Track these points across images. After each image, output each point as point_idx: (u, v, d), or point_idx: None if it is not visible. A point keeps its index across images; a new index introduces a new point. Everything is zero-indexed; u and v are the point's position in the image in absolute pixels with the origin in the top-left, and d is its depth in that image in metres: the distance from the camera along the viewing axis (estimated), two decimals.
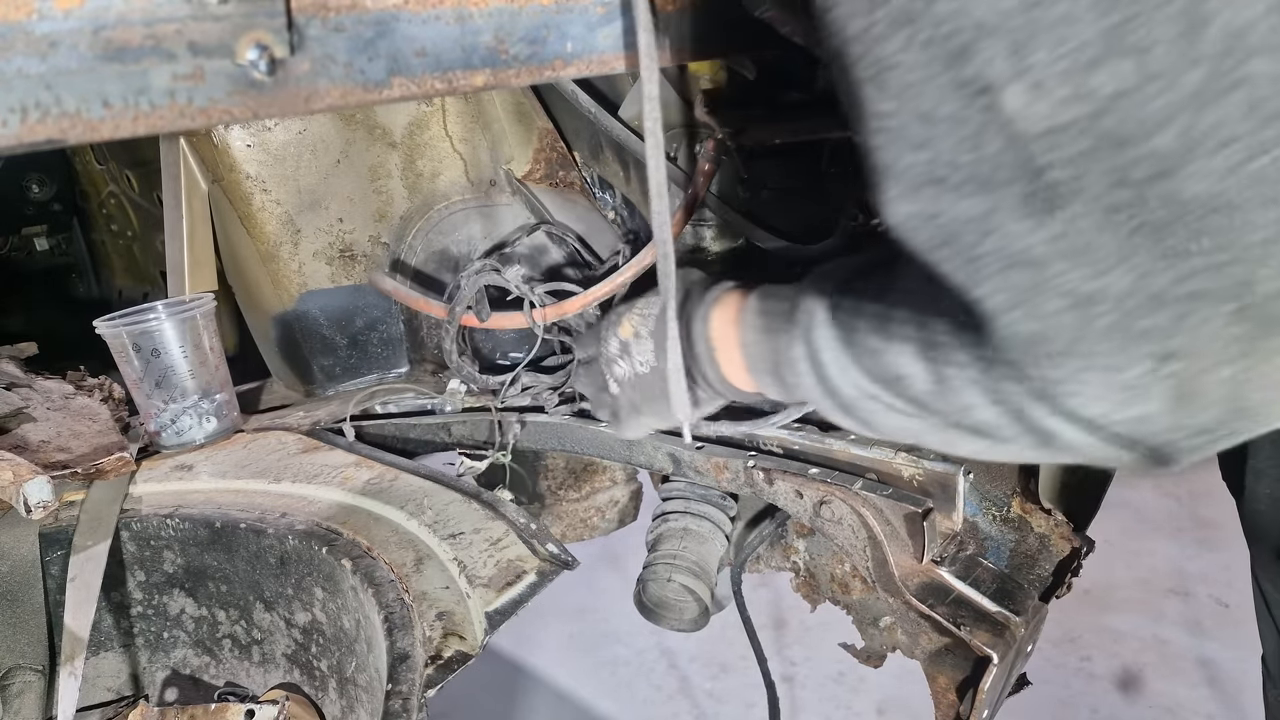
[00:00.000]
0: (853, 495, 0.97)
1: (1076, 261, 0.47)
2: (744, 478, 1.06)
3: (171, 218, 1.42)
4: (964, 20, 0.45)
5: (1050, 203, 0.47)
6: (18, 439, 1.20)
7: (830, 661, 2.57)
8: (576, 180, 1.43)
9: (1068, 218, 0.46)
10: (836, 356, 0.68)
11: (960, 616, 0.90)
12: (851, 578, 1.23)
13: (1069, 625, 2.61)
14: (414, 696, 0.76)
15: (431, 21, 0.68)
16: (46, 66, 0.52)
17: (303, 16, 0.61)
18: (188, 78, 0.57)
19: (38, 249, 2.25)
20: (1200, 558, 2.94)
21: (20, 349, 1.60)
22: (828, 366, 0.69)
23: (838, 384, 0.68)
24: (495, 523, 0.99)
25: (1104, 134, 0.44)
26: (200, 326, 1.22)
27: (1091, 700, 2.38)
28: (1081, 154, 0.45)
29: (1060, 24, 0.43)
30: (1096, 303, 0.47)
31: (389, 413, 1.37)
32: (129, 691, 1.10)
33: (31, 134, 0.52)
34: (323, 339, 1.43)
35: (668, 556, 1.25)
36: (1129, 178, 0.44)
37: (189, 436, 1.23)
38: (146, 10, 0.55)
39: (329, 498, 1.07)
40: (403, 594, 0.88)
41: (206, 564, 1.05)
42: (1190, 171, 0.43)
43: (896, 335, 0.61)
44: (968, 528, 1.00)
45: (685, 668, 2.66)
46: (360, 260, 1.40)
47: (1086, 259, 0.47)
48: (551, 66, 0.77)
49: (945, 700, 0.96)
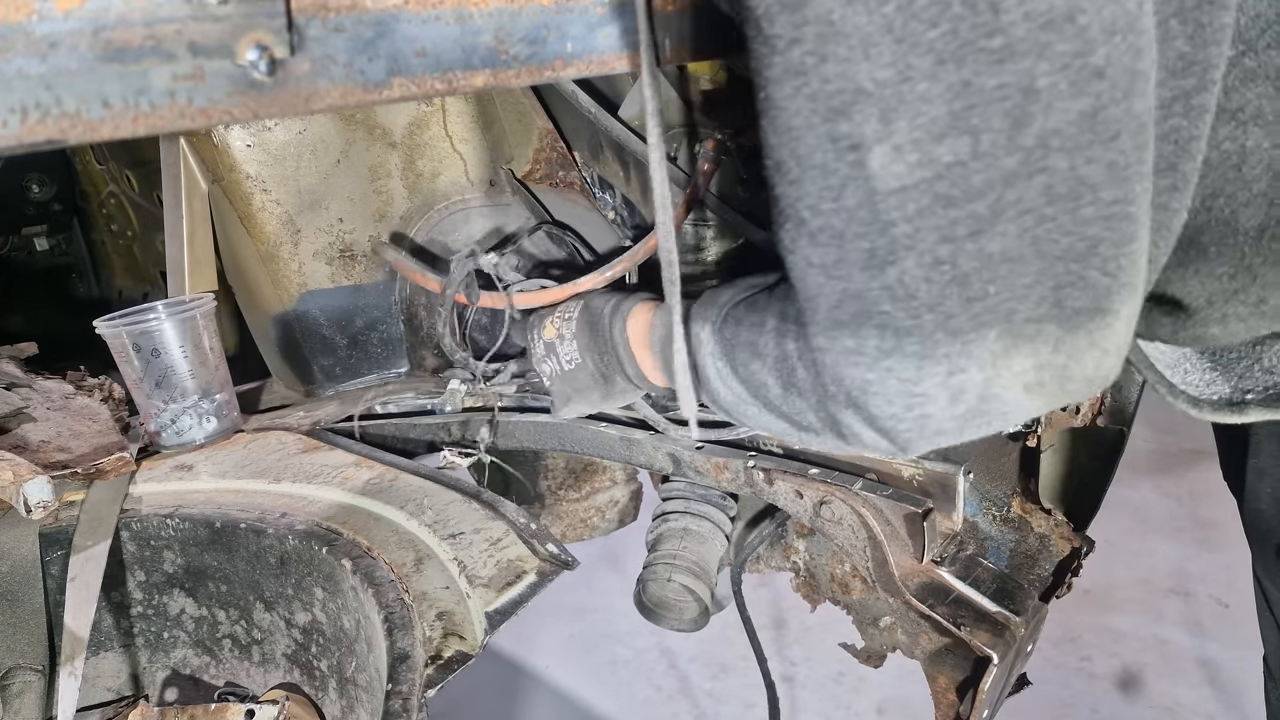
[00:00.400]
0: (853, 495, 0.97)
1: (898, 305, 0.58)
2: (744, 478, 1.06)
3: (171, 218, 1.42)
4: (846, 84, 0.53)
5: (888, 258, 0.57)
6: (18, 439, 1.20)
7: (830, 661, 2.57)
8: (576, 180, 1.43)
9: (899, 271, 0.57)
10: (718, 370, 0.80)
11: (960, 616, 0.90)
12: (851, 578, 1.23)
13: (1069, 625, 2.61)
14: (414, 696, 0.76)
15: (431, 22, 0.68)
16: (46, 67, 0.52)
17: (303, 17, 0.61)
18: (188, 78, 0.57)
19: (38, 249, 2.25)
20: (1200, 558, 2.94)
21: (20, 349, 1.60)
22: (711, 380, 0.81)
23: (719, 391, 0.81)
24: (495, 523, 0.99)
25: (937, 195, 0.54)
26: (200, 326, 1.22)
27: (1092, 700, 2.38)
28: (919, 211, 0.55)
29: (920, 100, 0.52)
30: (907, 335, 0.59)
31: (389, 413, 1.37)
32: (129, 691, 1.10)
33: (31, 134, 0.52)
34: (323, 339, 1.43)
35: (668, 556, 1.25)
36: (952, 234, 0.55)
37: (189, 436, 1.23)
38: (146, 11, 0.55)
39: (329, 498, 1.07)
40: (403, 594, 0.88)
41: (206, 564, 1.05)
42: (996, 232, 0.54)
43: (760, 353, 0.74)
44: (968, 528, 1.00)
45: (685, 668, 2.66)
46: (360, 260, 1.40)
47: (907, 304, 0.58)
48: (551, 67, 0.77)
49: (945, 700, 0.96)
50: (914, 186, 0.54)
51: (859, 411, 0.64)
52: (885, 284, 0.58)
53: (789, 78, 0.56)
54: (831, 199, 0.57)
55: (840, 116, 0.54)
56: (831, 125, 0.55)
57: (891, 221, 0.56)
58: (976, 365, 0.59)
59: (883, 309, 0.59)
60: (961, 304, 0.57)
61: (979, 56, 0.50)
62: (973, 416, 0.62)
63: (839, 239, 0.58)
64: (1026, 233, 0.54)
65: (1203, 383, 0.83)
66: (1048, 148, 0.52)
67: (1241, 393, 0.81)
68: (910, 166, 0.54)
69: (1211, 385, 0.83)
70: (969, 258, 0.55)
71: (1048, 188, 0.53)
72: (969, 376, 0.59)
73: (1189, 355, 0.84)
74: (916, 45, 0.50)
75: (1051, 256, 0.55)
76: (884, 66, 0.51)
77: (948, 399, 0.61)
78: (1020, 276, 0.56)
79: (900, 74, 0.51)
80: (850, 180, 0.56)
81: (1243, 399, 0.81)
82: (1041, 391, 0.61)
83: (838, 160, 0.56)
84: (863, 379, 0.62)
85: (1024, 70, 0.50)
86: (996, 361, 0.59)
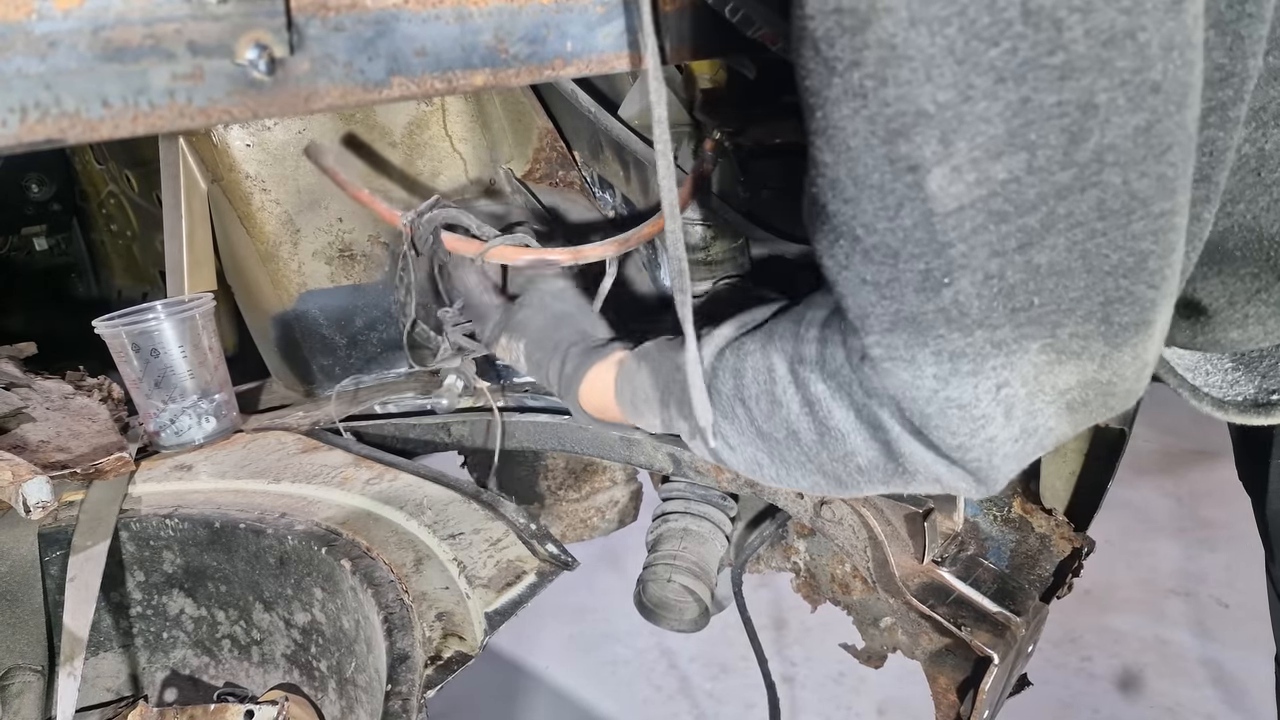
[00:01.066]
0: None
1: (953, 328, 0.57)
2: (744, 478, 1.06)
3: (171, 217, 1.42)
4: (907, 106, 0.53)
5: (943, 279, 0.56)
6: (17, 439, 1.19)
7: (831, 662, 2.57)
8: (576, 180, 1.43)
9: (954, 292, 0.56)
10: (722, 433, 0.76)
11: (961, 617, 0.90)
12: (852, 578, 1.23)
13: (1070, 625, 2.61)
14: (414, 697, 0.76)
15: (431, 21, 0.68)
16: (46, 66, 0.52)
17: (302, 16, 0.61)
18: (187, 77, 0.57)
19: (37, 249, 2.25)
20: (1202, 558, 2.94)
21: (19, 349, 1.60)
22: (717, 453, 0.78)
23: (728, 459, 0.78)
24: (495, 523, 0.99)
25: (991, 212, 0.54)
26: (199, 326, 1.22)
27: (1092, 701, 2.38)
28: (974, 229, 0.55)
29: (979, 119, 0.52)
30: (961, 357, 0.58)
31: (388, 413, 1.36)
32: (128, 692, 1.10)
33: (31, 134, 0.52)
34: (322, 339, 1.43)
35: (668, 557, 1.25)
36: (1002, 249, 0.55)
37: (188, 436, 1.23)
38: (146, 10, 0.54)
39: (328, 498, 1.07)
40: (402, 594, 0.88)
41: (206, 564, 1.05)
42: (1045, 245, 0.54)
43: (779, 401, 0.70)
44: (968, 528, 1.00)
45: (685, 668, 2.66)
46: (360, 260, 1.40)
47: (960, 323, 0.57)
48: (551, 66, 0.77)
49: (946, 701, 0.95)
50: (970, 205, 0.54)
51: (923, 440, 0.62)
52: (940, 306, 0.57)
53: (848, 99, 0.55)
54: (888, 218, 0.57)
55: (900, 138, 0.54)
56: (890, 147, 0.55)
57: (949, 243, 0.55)
58: (1020, 379, 0.58)
59: (938, 333, 0.58)
60: (1006, 315, 0.56)
61: (1040, 74, 0.50)
62: (1027, 436, 0.61)
63: (894, 258, 0.58)
64: (1076, 246, 0.54)
65: (1225, 384, 0.82)
66: (1102, 162, 0.52)
67: (1267, 393, 0.80)
68: (968, 186, 0.54)
69: (1235, 386, 0.82)
70: (1016, 270, 0.55)
71: (1100, 202, 0.53)
72: (1014, 391, 0.58)
73: (1209, 357, 0.83)
74: (978, 65, 0.50)
75: (1101, 272, 0.55)
76: (946, 88, 0.51)
77: (1004, 416, 0.59)
78: (1067, 290, 0.55)
79: (961, 95, 0.51)
80: (907, 200, 0.55)
81: (1269, 399, 0.80)
82: (1085, 410, 0.60)
83: (895, 181, 0.55)
84: (923, 411, 0.60)
85: (1084, 87, 0.50)
86: (1039, 376, 0.58)
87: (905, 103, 0.53)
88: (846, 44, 0.53)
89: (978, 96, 0.51)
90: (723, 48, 0.90)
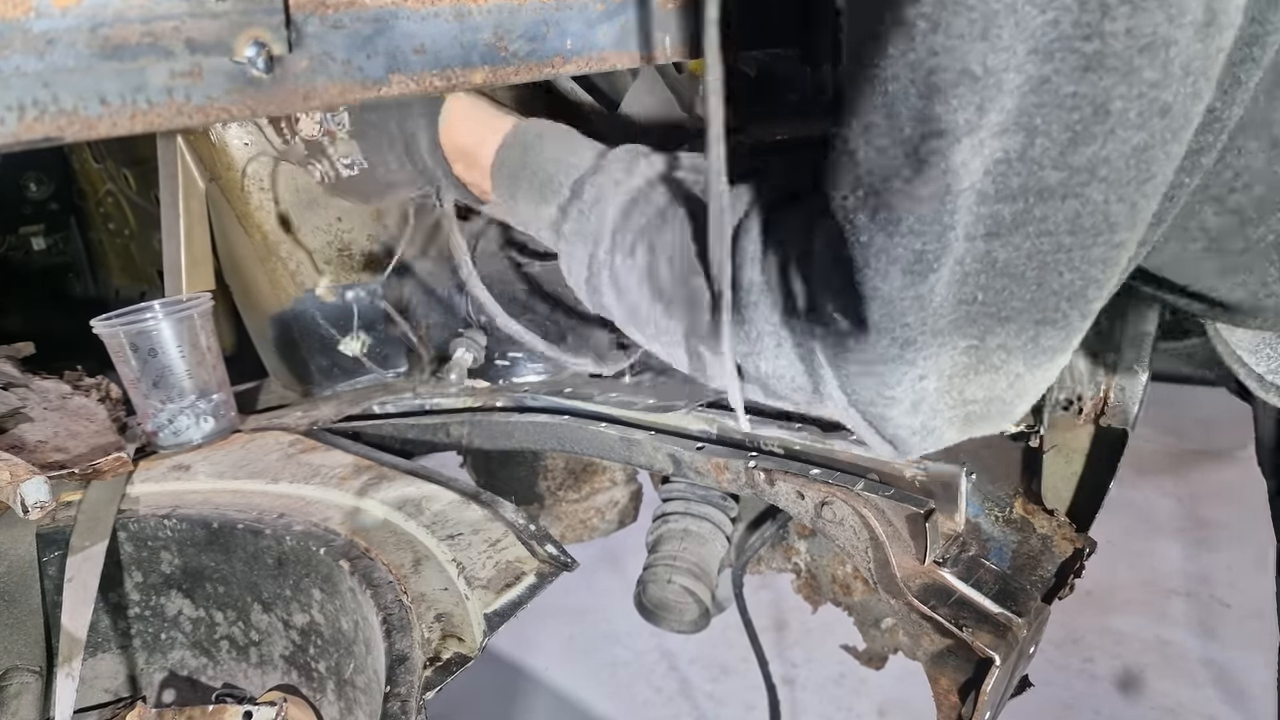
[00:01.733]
0: (854, 496, 0.97)
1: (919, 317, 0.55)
2: (745, 478, 1.06)
3: (169, 217, 1.41)
4: (953, 62, 0.49)
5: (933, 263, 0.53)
6: (15, 439, 1.19)
7: (831, 663, 2.56)
8: None
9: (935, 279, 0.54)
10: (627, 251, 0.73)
11: (962, 618, 0.89)
12: (853, 579, 1.22)
13: (1071, 626, 2.61)
14: (413, 698, 0.76)
15: (430, 18, 0.68)
16: (44, 64, 0.51)
17: (301, 13, 0.61)
18: (185, 75, 0.56)
19: (35, 248, 2.25)
20: (1203, 558, 2.93)
21: (17, 349, 1.59)
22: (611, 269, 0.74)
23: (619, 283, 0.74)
24: (494, 524, 0.99)
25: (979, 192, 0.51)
26: (198, 326, 1.21)
27: (1094, 702, 2.37)
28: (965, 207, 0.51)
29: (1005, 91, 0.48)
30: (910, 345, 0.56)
31: (387, 413, 1.36)
32: (126, 693, 1.09)
33: (29, 132, 0.51)
34: (320, 339, 1.42)
35: (668, 558, 1.25)
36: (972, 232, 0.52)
37: (186, 436, 1.22)
38: (144, 8, 0.54)
39: (326, 498, 1.06)
40: (401, 595, 0.87)
41: (204, 565, 1.04)
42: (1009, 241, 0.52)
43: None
44: (970, 529, 1.00)
45: (686, 669, 2.65)
46: (359, 259, 1.40)
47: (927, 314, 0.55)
48: (551, 63, 0.77)
49: (947, 702, 0.95)
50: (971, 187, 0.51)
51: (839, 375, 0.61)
52: (918, 294, 0.54)
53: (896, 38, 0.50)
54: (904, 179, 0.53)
55: (937, 96, 0.50)
56: (927, 103, 0.50)
57: (951, 225, 0.52)
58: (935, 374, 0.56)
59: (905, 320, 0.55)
60: (951, 304, 0.54)
61: (1068, 58, 0.47)
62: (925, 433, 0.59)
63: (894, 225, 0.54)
64: (1036, 255, 0.52)
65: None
66: (1093, 174, 0.50)
67: None
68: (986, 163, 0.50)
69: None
70: (974, 258, 0.52)
71: (1076, 216, 0.51)
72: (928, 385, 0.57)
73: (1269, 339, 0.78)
74: (1023, 29, 0.46)
75: (1049, 289, 0.53)
76: (1000, 51, 0.47)
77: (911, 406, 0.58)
78: (1011, 297, 0.53)
79: (1005, 61, 0.47)
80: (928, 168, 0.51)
81: None
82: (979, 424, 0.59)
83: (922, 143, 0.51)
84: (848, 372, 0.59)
85: (1104, 87, 0.47)
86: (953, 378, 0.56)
87: (952, 57, 0.48)
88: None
89: (1012, 67, 0.47)
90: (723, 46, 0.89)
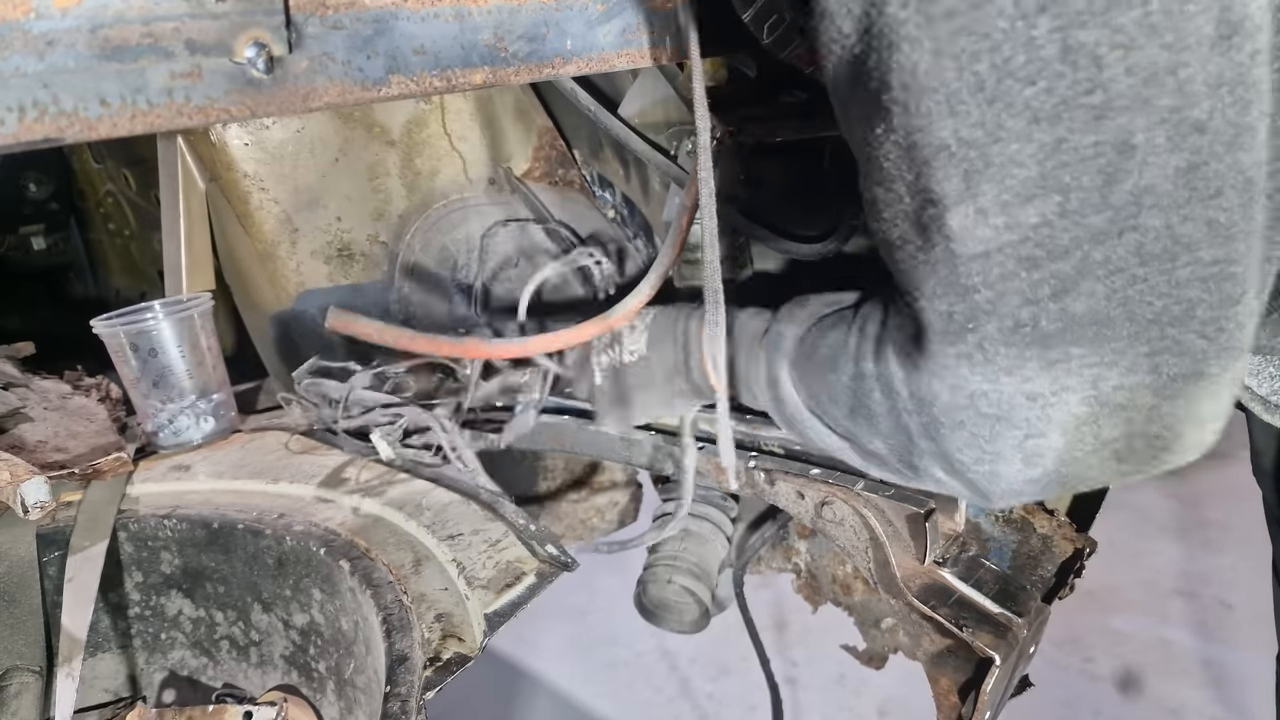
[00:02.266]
0: (855, 496, 0.97)
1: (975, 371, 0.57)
2: (745, 478, 1.06)
3: (169, 217, 1.41)
4: (929, 138, 0.51)
5: (966, 324, 0.55)
6: (15, 439, 1.19)
7: (832, 663, 2.56)
8: (576, 178, 1.43)
9: (979, 338, 0.55)
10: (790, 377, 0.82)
11: (962, 618, 0.89)
12: (853, 579, 1.22)
13: (1072, 626, 2.61)
14: (413, 698, 0.76)
15: (430, 19, 0.68)
16: (44, 65, 0.51)
17: (301, 14, 0.61)
18: (185, 76, 0.56)
19: (35, 248, 2.24)
20: (1203, 558, 2.93)
21: (17, 349, 1.59)
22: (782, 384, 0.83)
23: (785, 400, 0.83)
24: (494, 524, 0.99)
25: (1021, 258, 0.52)
26: (198, 326, 1.21)
27: (1094, 702, 2.37)
28: (1002, 276, 0.53)
29: (1010, 162, 0.50)
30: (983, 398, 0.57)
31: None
32: (126, 693, 1.09)
33: (29, 133, 0.51)
34: (321, 339, 1.42)
35: (668, 558, 1.25)
36: (1034, 296, 0.53)
37: (186, 436, 1.22)
38: (144, 9, 0.54)
39: (327, 498, 1.06)
40: (401, 595, 0.87)
41: (204, 565, 1.04)
42: (1081, 292, 0.52)
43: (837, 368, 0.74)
44: (970, 529, 1.00)
45: (686, 670, 2.65)
46: (358, 259, 1.40)
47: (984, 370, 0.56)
48: (551, 64, 0.77)
49: (947, 702, 0.95)
50: (998, 251, 0.52)
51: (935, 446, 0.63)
52: (963, 351, 0.56)
53: (879, 120, 0.54)
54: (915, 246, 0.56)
55: (924, 168, 0.52)
56: (914, 177, 0.53)
57: (973, 287, 0.54)
58: (1059, 430, 0.56)
59: (960, 373, 0.57)
60: (1042, 367, 0.54)
61: (1076, 114, 0.48)
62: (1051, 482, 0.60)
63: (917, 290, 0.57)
64: (1116, 294, 0.52)
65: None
66: (1140, 205, 0.50)
67: None
68: (995, 231, 0.52)
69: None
70: (1051, 319, 0.53)
71: (1139, 246, 0.51)
72: (1048, 441, 0.57)
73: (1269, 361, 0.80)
74: (1011, 105, 0.48)
75: (1144, 320, 0.52)
76: (971, 126, 0.50)
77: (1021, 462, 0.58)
78: (1108, 340, 0.53)
79: (990, 135, 0.49)
80: (932, 234, 0.54)
81: None
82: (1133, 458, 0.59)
83: (921, 211, 0.54)
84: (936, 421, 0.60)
85: (1121, 126, 0.48)
86: (1080, 428, 0.56)
87: (926, 134, 0.51)
88: (875, 64, 0.52)
89: (1009, 138, 0.49)
90: (724, 45, 0.90)
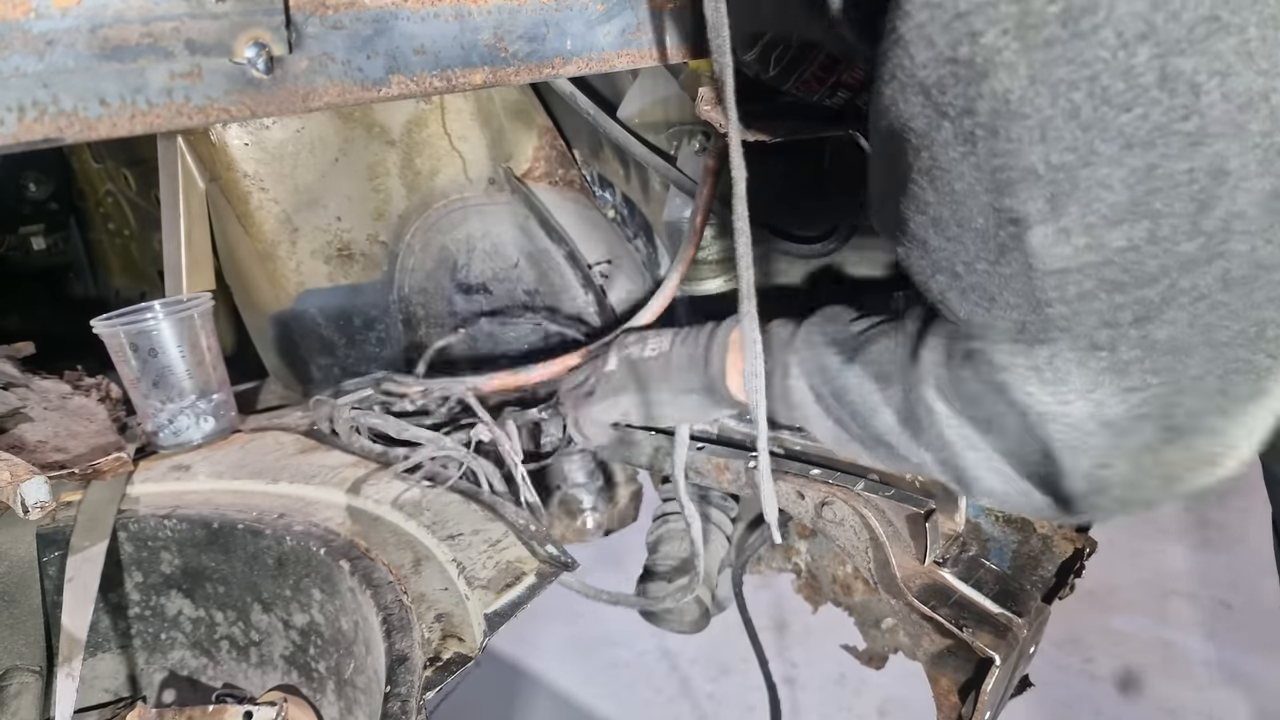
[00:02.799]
0: (855, 496, 0.97)
1: (1045, 388, 0.56)
2: (745, 479, 1.06)
3: (169, 217, 1.41)
4: (1015, 161, 0.51)
5: (1039, 335, 0.55)
6: (15, 439, 1.19)
7: (832, 663, 2.56)
8: (576, 178, 1.43)
9: (1050, 353, 0.55)
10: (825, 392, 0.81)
11: (962, 618, 0.89)
12: (853, 579, 1.22)
13: (1072, 626, 2.61)
14: (413, 698, 0.76)
15: (430, 19, 0.68)
16: (44, 65, 0.51)
17: (301, 14, 0.61)
18: (185, 76, 0.56)
19: (34, 248, 2.24)
20: (1204, 559, 2.93)
21: (17, 349, 1.59)
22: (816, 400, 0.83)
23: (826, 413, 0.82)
24: (494, 524, 0.99)
25: (1103, 280, 0.52)
26: (198, 326, 1.21)
27: (1094, 702, 2.37)
28: (1080, 295, 0.54)
29: (1099, 185, 0.50)
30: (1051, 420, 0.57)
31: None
32: (126, 693, 1.09)
33: (29, 133, 0.51)
34: (320, 338, 1.42)
35: (668, 558, 1.25)
36: (1115, 320, 0.53)
37: (186, 437, 1.22)
38: (144, 9, 0.54)
39: (326, 498, 1.06)
40: (401, 595, 0.87)
41: (204, 565, 1.04)
42: (1165, 319, 0.52)
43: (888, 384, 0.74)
44: (970, 529, 1.00)
45: (686, 670, 2.65)
46: (358, 259, 1.40)
47: (1055, 387, 0.56)
48: (551, 64, 0.77)
49: (947, 702, 0.95)
50: (1078, 270, 0.53)
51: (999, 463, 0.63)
52: (1033, 364, 0.56)
53: (957, 143, 0.54)
54: (989, 262, 0.56)
55: (1006, 190, 0.53)
56: (995, 196, 0.54)
57: (1047, 301, 0.54)
58: (1127, 460, 0.56)
59: (1028, 389, 0.57)
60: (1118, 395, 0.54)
61: (1171, 140, 0.48)
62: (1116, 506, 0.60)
63: (990, 301, 0.57)
64: (1198, 320, 0.52)
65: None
66: (1229, 231, 0.50)
67: None
68: (1076, 250, 0.52)
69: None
70: (1131, 345, 0.53)
71: (1225, 272, 0.51)
72: (1117, 471, 0.57)
73: None
74: (1105, 130, 0.49)
75: (1219, 344, 0.53)
76: (1062, 151, 0.50)
77: (1087, 488, 0.59)
78: (1187, 368, 0.53)
79: (1081, 159, 0.50)
80: (1009, 250, 0.54)
81: None
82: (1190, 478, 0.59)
83: (999, 229, 0.54)
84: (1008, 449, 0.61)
85: (1216, 152, 0.48)
86: (1146, 456, 0.56)
87: (1014, 158, 0.52)
88: (960, 92, 0.52)
89: (1100, 162, 0.49)
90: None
